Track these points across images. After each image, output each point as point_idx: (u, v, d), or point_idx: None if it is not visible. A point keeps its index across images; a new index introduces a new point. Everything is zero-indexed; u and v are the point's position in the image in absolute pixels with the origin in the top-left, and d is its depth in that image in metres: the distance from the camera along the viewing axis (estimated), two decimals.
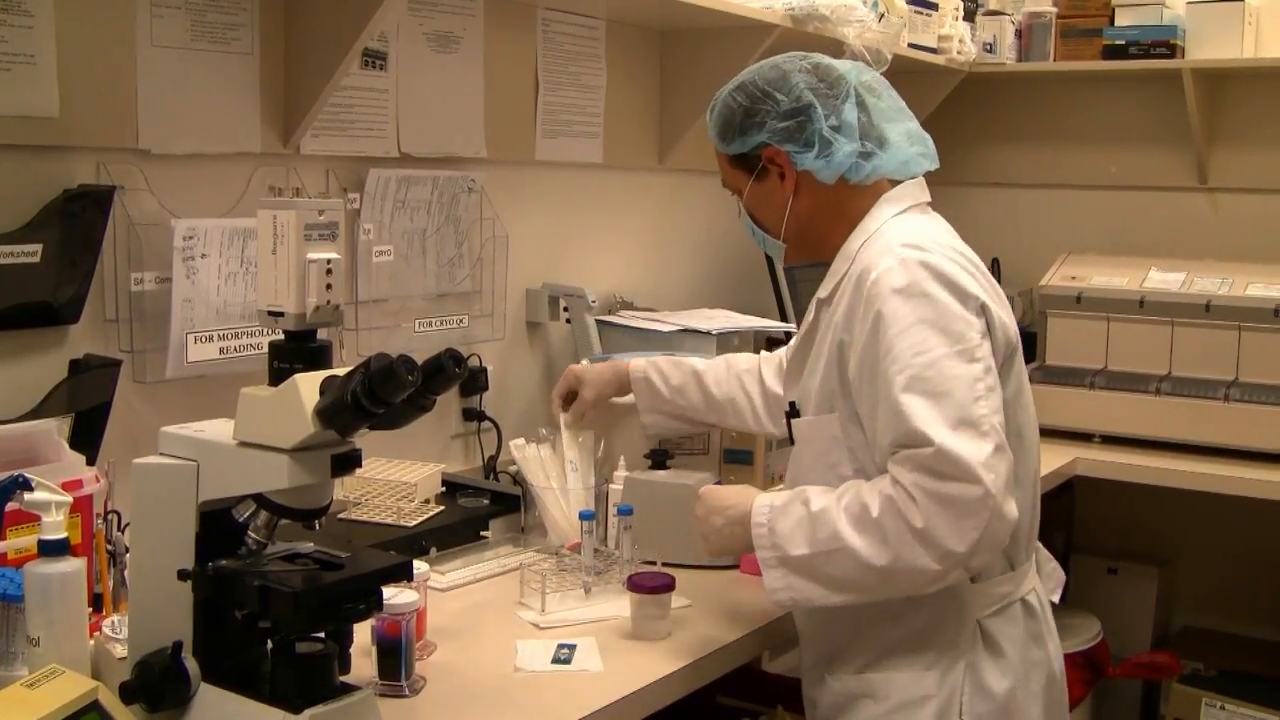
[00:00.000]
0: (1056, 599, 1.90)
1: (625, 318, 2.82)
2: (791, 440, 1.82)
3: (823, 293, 1.79)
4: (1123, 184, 3.76)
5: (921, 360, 1.57)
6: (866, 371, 1.63)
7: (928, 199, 1.82)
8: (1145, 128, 3.71)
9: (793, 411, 1.81)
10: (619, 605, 1.91)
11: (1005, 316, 1.69)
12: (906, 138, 1.78)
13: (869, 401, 1.63)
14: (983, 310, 1.63)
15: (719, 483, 2.15)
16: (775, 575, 1.66)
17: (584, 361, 2.49)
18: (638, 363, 2.19)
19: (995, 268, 3.55)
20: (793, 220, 1.80)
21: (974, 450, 1.52)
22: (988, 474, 1.52)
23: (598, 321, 2.77)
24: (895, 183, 1.79)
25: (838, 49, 2.92)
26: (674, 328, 2.70)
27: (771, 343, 3.30)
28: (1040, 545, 1.86)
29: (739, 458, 2.30)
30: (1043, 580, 1.85)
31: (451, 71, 2.54)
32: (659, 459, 2.19)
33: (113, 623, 1.60)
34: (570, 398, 2.21)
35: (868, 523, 1.57)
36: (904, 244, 1.66)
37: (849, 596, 1.63)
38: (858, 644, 1.74)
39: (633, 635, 1.84)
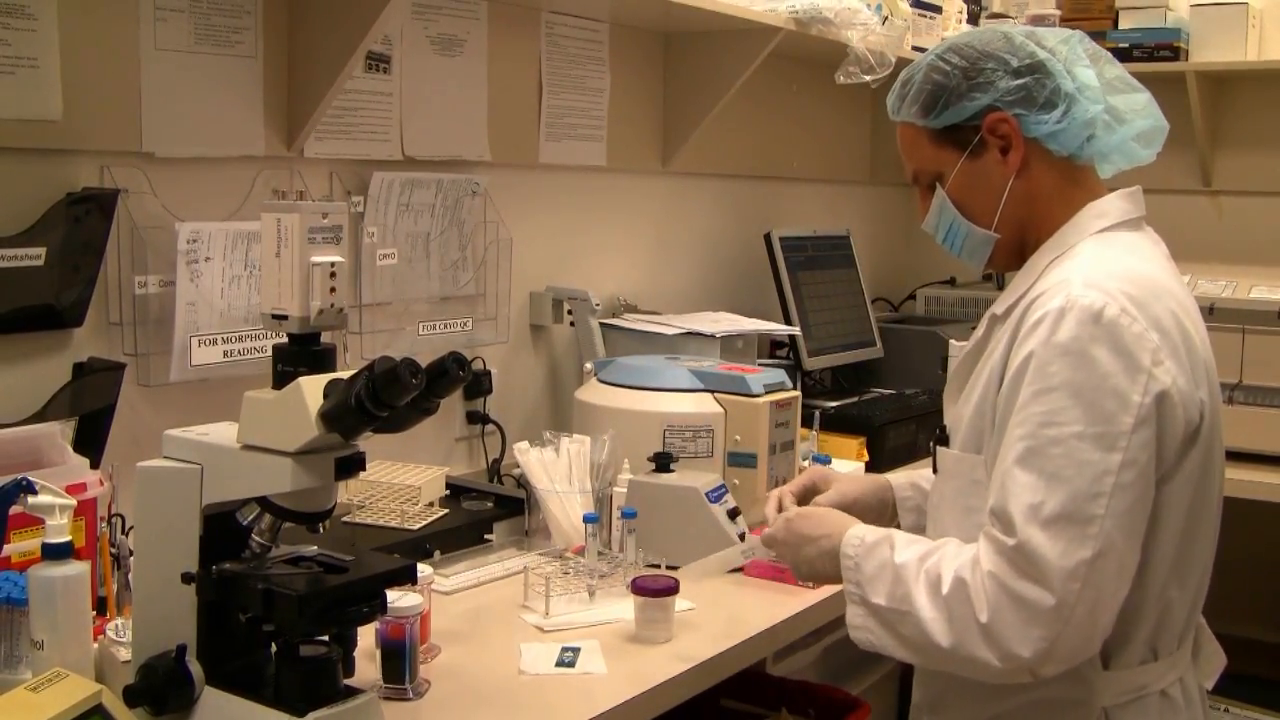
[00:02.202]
0: (1210, 685, 1.64)
1: (629, 320, 2.81)
2: (935, 469, 1.64)
3: (998, 308, 1.58)
4: (1126, 187, 3.75)
5: (1049, 433, 1.38)
6: (1000, 419, 1.47)
7: (1142, 213, 1.60)
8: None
9: (941, 438, 1.61)
10: (623, 608, 1.90)
11: (1193, 388, 1.44)
12: (1144, 107, 1.58)
13: (994, 452, 1.46)
14: (1156, 394, 1.40)
15: (726, 501, 2.16)
16: (856, 613, 1.50)
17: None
18: (900, 481, 1.85)
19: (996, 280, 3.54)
20: (1011, 206, 1.57)
21: (1063, 554, 1.35)
22: (1070, 584, 1.35)
23: (602, 324, 2.77)
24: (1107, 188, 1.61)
25: (841, 52, 2.92)
26: (678, 330, 2.70)
27: (775, 345, 3.32)
28: (1204, 624, 1.63)
29: (743, 461, 2.29)
30: (1198, 664, 1.61)
31: (455, 74, 2.54)
32: (663, 462, 2.19)
33: (116, 626, 1.60)
34: (805, 496, 1.84)
35: (938, 598, 1.42)
36: (1086, 282, 1.44)
37: (919, 660, 1.49)
38: (968, 699, 1.58)
39: (637, 638, 1.84)
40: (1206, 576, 1.56)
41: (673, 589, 1.84)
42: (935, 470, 1.64)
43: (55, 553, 1.48)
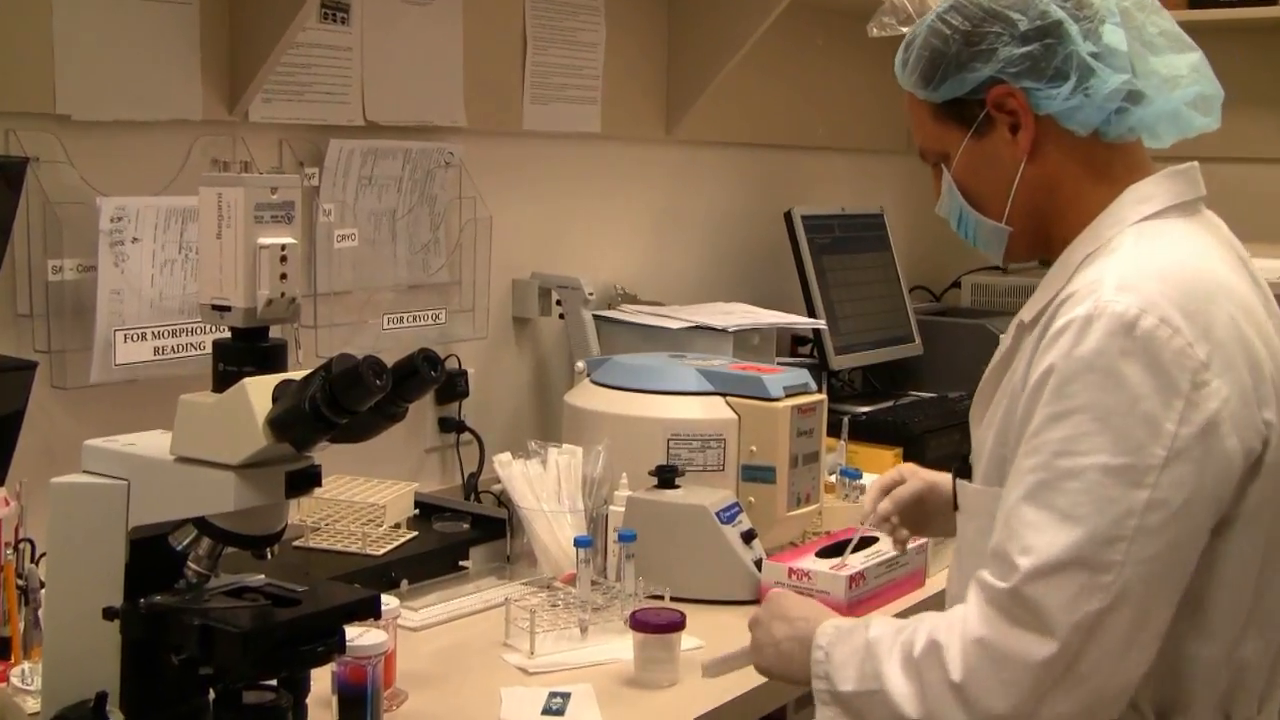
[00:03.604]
0: None
1: (628, 313, 2.81)
2: (956, 506, 1.62)
3: (1026, 314, 1.53)
4: (1215, 155, 3.73)
5: (1064, 464, 1.34)
6: (1014, 444, 1.43)
7: (1194, 195, 1.54)
8: (1243, 89, 3.66)
9: (963, 469, 1.59)
10: (620, 647, 1.90)
11: (1253, 410, 1.38)
12: (1189, 72, 1.52)
13: (1006, 492, 1.42)
14: (1200, 424, 1.34)
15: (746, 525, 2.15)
16: (828, 714, 1.48)
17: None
18: None
19: None
20: (1024, 193, 1.54)
21: (1069, 604, 1.32)
22: (1074, 635, 1.32)
23: (596, 317, 2.77)
24: (1153, 162, 1.56)
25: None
26: (684, 324, 2.70)
27: (797, 341, 3.31)
28: None
29: (759, 475, 2.29)
30: None
31: (425, 25, 2.54)
32: (667, 476, 2.18)
33: (23, 671, 1.59)
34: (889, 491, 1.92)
35: (909, 665, 1.41)
36: (1120, 285, 1.39)
37: None
38: None
39: (636, 681, 1.84)
40: None
41: (678, 624, 1.84)
42: (956, 507, 1.62)
43: None
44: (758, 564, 2.12)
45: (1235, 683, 1.45)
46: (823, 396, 2.40)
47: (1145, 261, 1.43)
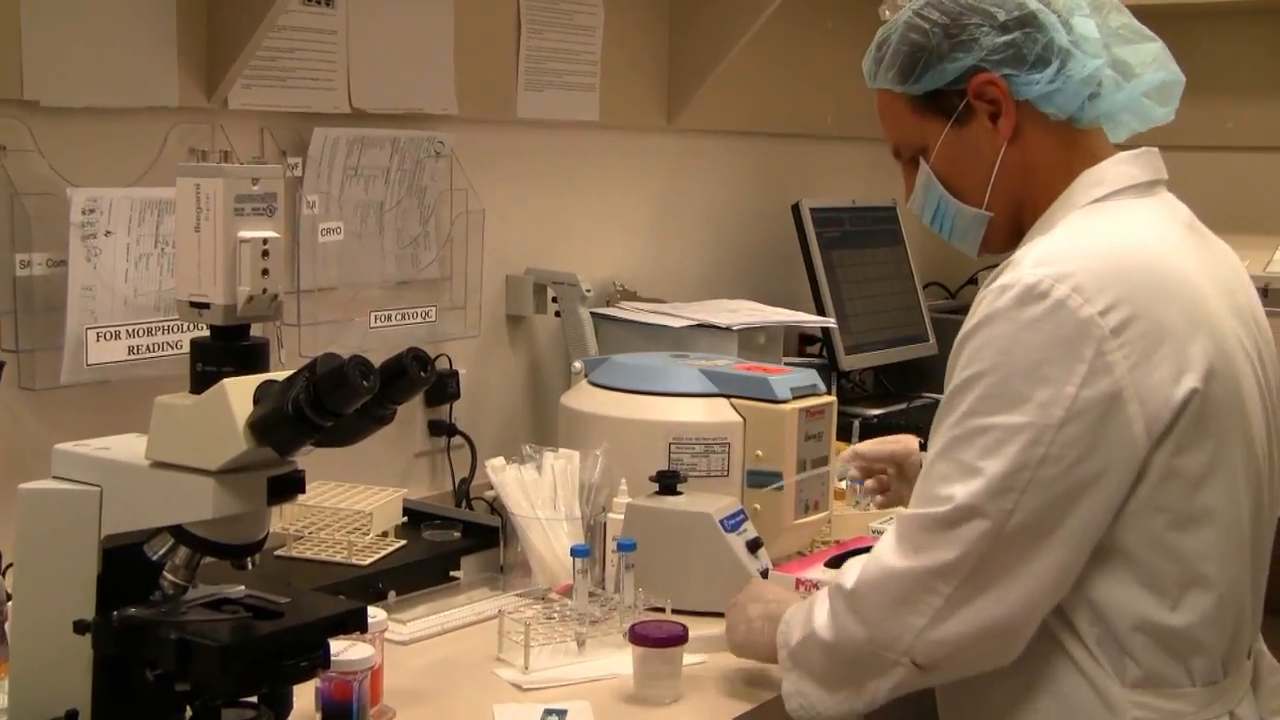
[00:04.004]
0: None
1: (627, 310, 2.82)
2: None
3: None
4: (1241, 144, 3.75)
5: (973, 423, 1.54)
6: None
7: (1149, 178, 1.68)
8: (1270, 73, 3.68)
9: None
10: (619, 661, 1.90)
11: (1168, 382, 1.51)
12: (1154, 60, 1.68)
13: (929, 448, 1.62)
14: (1102, 390, 1.49)
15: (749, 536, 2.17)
16: (789, 680, 1.70)
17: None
18: None
19: None
20: (1004, 179, 1.68)
21: (962, 537, 1.52)
22: (961, 564, 1.52)
23: (593, 315, 2.77)
24: (1117, 147, 1.71)
25: None
26: (687, 322, 2.70)
27: (805, 341, 3.31)
28: (1265, 652, 1.75)
29: (765, 481, 2.29)
30: (1261, 697, 1.71)
31: (414, 9, 2.54)
32: (668, 482, 2.18)
33: None
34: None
35: (821, 594, 1.65)
36: (1039, 260, 1.55)
37: (840, 696, 1.65)
38: None
39: (636, 698, 1.83)
40: (1246, 600, 1.64)
41: (680, 638, 1.84)
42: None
43: None
44: (764, 574, 2.11)
45: (1174, 646, 1.58)
46: (832, 398, 2.40)
47: (1075, 240, 1.59)
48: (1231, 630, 1.62)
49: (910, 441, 2.16)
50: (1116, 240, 1.59)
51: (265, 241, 1.44)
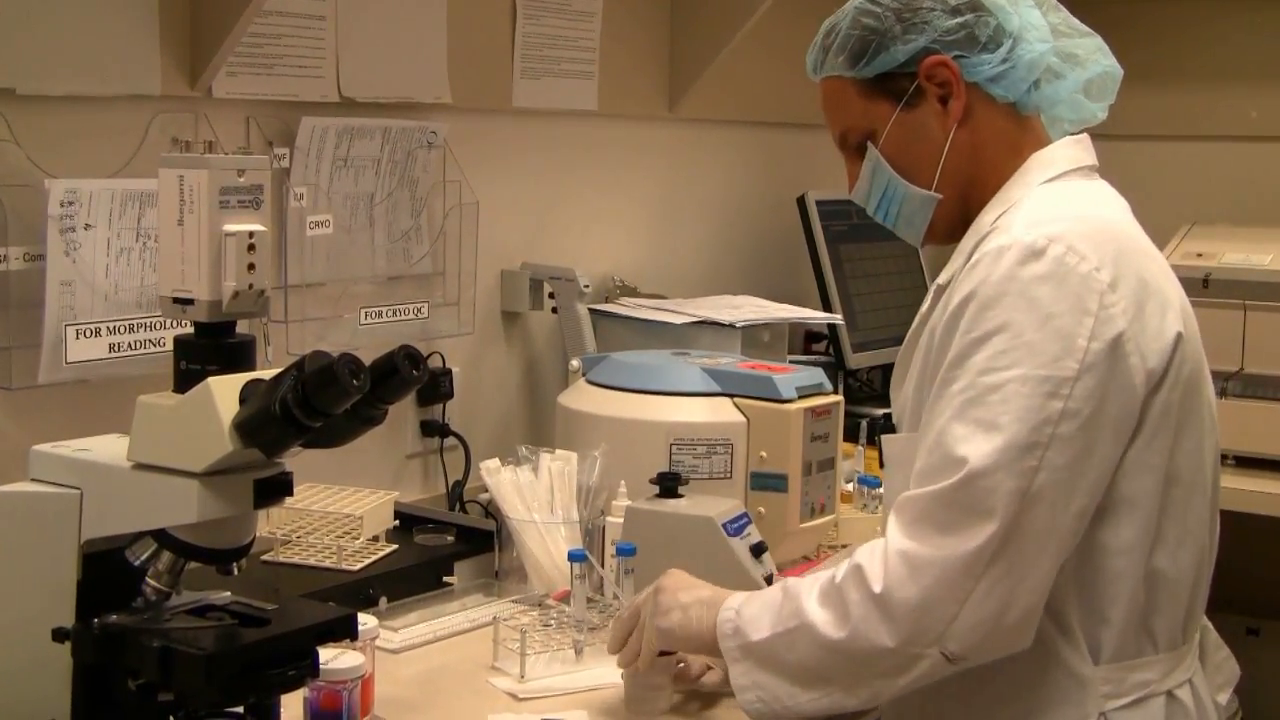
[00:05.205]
0: (1224, 700, 1.82)
1: (627, 306, 2.82)
2: (881, 463, 1.84)
3: (943, 278, 1.75)
4: (1266, 134, 3.75)
5: (987, 380, 1.55)
6: (931, 379, 1.64)
7: (1092, 162, 1.78)
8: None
9: (886, 426, 1.81)
10: (618, 670, 1.88)
11: (1155, 331, 1.61)
12: (1095, 52, 1.78)
13: (926, 422, 1.62)
14: (1108, 339, 1.56)
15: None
16: (740, 670, 1.66)
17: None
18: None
19: None
20: (954, 160, 1.75)
21: (991, 503, 1.52)
22: (994, 536, 1.51)
23: (592, 311, 2.77)
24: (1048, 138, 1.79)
25: None
26: (688, 319, 2.70)
27: (811, 338, 3.31)
28: (1210, 627, 1.82)
29: (770, 483, 2.29)
30: (1208, 673, 1.79)
31: None
32: (669, 485, 2.18)
33: None
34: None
35: (830, 591, 1.60)
36: (1030, 223, 1.62)
37: (819, 693, 1.62)
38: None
39: (632, 708, 1.83)
40: (1204, 561, 1.71)
41: None
42: (882, 464, 1.83)
43: None
44: (768, 580, 2.11)
45: (1152, 598, 1.64)
46: (839, 398, 2.41)
47: (1054, 209, 1.66)
48: (1195, 588, 1.70)
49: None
50: (1088, 210, 1.68)
51: (251, 235, 1.44)
